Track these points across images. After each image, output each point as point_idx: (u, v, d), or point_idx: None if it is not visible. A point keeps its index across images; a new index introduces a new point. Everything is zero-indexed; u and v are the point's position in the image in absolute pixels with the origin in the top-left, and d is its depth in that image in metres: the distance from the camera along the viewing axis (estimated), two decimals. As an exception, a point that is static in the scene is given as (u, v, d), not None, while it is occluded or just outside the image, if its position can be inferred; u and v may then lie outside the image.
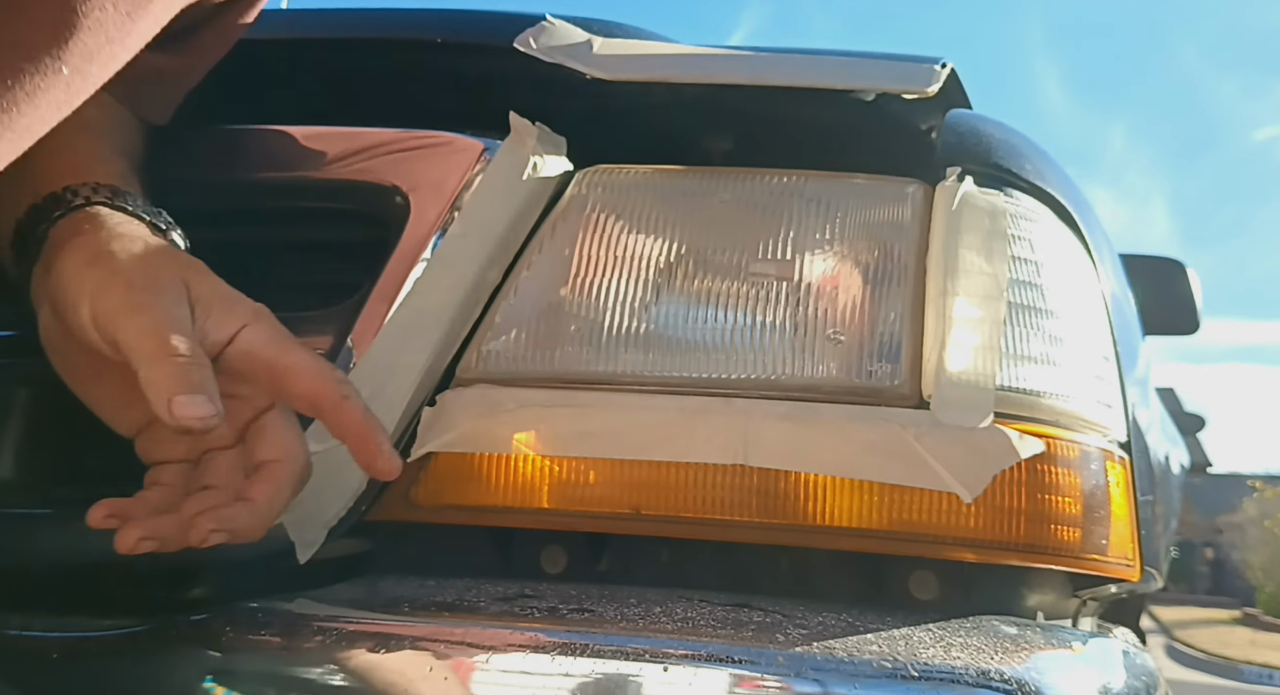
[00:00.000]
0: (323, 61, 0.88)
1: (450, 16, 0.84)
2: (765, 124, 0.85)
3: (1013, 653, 0.61)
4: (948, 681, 0.55)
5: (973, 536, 0.68)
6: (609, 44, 0.80)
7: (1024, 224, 0.75)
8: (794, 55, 0.80)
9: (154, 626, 0.64)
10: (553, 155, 0.77)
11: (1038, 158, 0.81)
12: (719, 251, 0.74)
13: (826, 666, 0.55)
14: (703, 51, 0.81)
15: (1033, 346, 0.72)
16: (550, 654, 0.57)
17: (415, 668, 0.58)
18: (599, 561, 0.77)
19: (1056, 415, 0.71)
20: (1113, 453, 0.75)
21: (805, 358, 0.70)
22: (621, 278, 0.74)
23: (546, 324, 0.73)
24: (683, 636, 0.59)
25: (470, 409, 0.71)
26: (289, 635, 0.61)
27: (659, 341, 0.72)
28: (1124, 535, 0.75)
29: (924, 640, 0.60)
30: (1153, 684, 0.68)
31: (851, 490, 0.68)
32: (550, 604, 0.65)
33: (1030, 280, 0.74)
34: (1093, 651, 0.67)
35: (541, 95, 0.81)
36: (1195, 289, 2.26)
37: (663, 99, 0.81)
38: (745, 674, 0.55)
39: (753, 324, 0.72)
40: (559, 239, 0.75)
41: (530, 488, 0.71)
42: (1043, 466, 0.69)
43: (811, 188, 0.76)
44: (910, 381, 0.69)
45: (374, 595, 0.69)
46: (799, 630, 0.61)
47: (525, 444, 0.71)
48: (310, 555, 0.70)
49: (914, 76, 0.76)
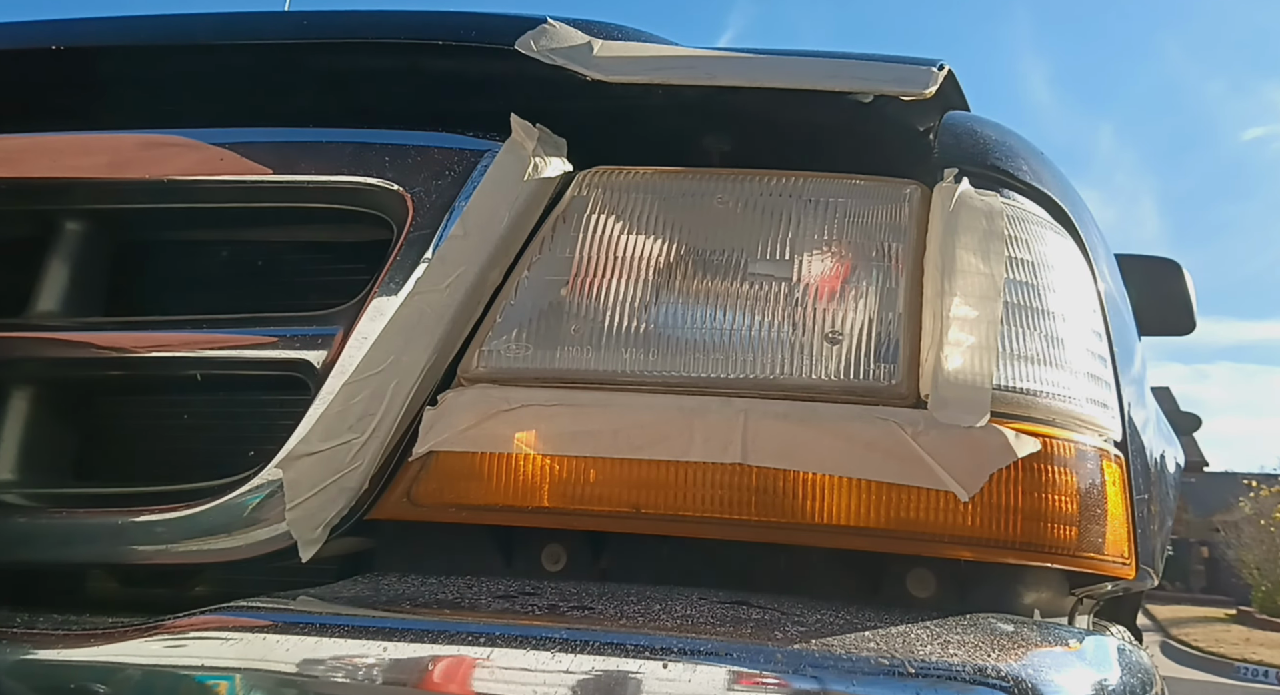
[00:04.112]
0: (324, 63, 0.88)
1: (451, 18, 0.84)
2: (764, 125, 0.85)
3: (1009, 650, 0.61)
4: (945, 678, 0.55)
5: (970, 535, 0.68)
6: (609, 46, 0.80)
7: (1021, 225, 0.76)
8: (793, 57, 0.81)
9: (156, 625, 0.64)
10: (553, 156, 0.78)
11: (1034, 159, 0.81)
12: (718, 252, 0.74)
13: (824, 663, 0.56)
14: (702, 53, 0.81)
15: (1029, 346, 0.72)
16: (551, 651, 0.57)
17: (417, 664, 0.58)
18: (599, 559, 0.77)
19: (1053, 414, 0.72)
20: (1109, 452, 0.75)
21: (803, 357, 0.71)
22: (621, 278, 0.74)
23: (547, 324, 0.74)
24: (682, 633, 0.59)
25: (471, 408, 0.72)
26: (291, 632, 0.61)
27: (658, 341, 0.72)
28: (1120, 534, 0.75)
29: (921, 637, 0.61)
30: (1148, 681, 0.69)
31: (849, 489, 0.68)
32: (550, 601, 0.66)
33: (1027, 281, 0.74)
34: (1089, 649, 0.68)
35: (542, 97, 0.81)
36: (1191, 289, 2.26)
37: (663, 101, 0.81)
38: (744, 670, 0.56)
39: (751, 324, 0.72)
40: (559, 239, 0.76)
41: (531, 486, 0.71)
42: (1039, 465, 0.69)
43: (810, 189, 0.76)
44: (907, 381, 0.70)
45: (376, 593, 0.69)
46: (797, 627, 0.61)
47: (526, 443, 0.71)
48: (313, 553, 0.71)
49: (911, 78, 0.77)
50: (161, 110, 0.87)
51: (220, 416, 0.87)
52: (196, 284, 0.91)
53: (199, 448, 0.87)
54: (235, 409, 0.86)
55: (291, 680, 0.59)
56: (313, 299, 0.76)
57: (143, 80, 0.89)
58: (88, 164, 0.81)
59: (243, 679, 0.60)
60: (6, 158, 0.82)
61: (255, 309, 0.79)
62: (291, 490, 0.71)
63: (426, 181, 0.76)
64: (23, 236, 0.86)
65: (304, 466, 0.71)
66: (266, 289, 0.88)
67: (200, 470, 0.78)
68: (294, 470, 0.71)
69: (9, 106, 0.87)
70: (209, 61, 0.87)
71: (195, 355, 0.77)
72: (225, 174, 0.80)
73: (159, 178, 0.80)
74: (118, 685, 0.63)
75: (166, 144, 0.80)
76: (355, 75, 0.89)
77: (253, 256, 0.89)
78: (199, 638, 0.62)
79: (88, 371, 0.81)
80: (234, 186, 0.80)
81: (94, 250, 0.84)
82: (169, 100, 0.90)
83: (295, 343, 0.74)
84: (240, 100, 0.85)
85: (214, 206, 0.82)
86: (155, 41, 0.86)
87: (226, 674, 0.60)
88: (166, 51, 0.87)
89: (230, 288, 0.90)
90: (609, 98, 0.80)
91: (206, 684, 0.61)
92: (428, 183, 0.76)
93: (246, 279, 0.89)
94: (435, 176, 0.76)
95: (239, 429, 0.85)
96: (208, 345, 0.76)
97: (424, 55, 0.84)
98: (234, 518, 0.72)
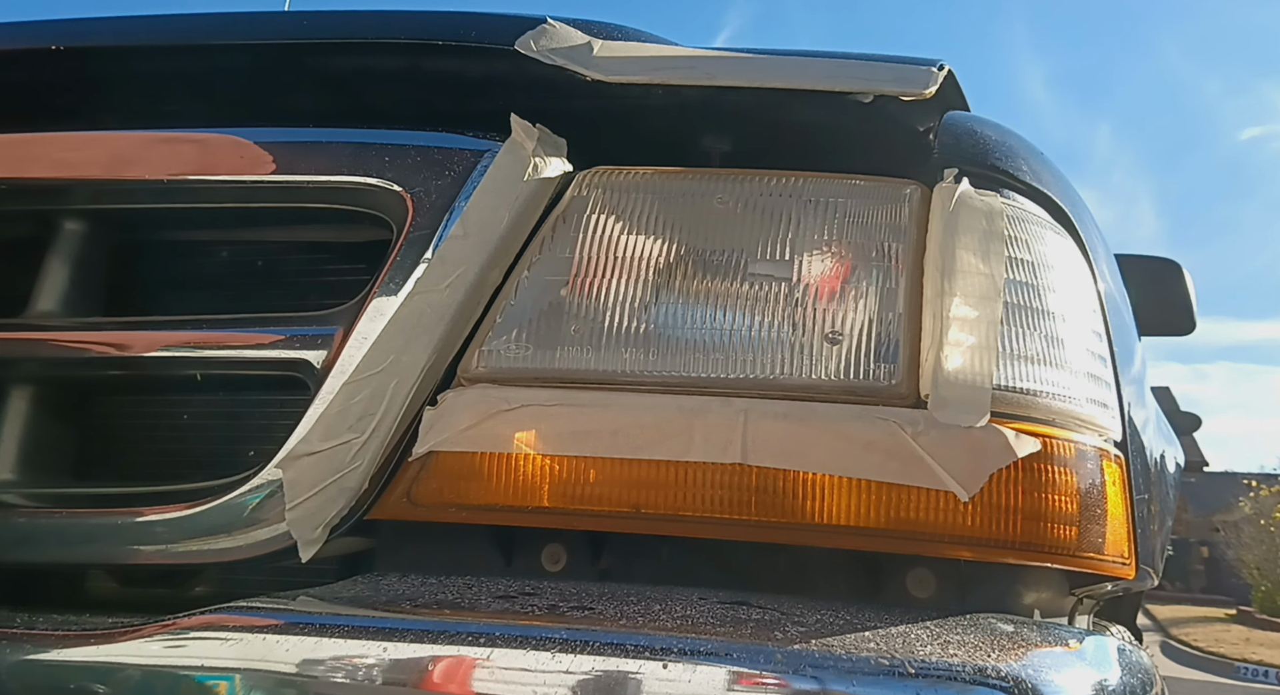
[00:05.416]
0: (324, 63, 0.88)
1: (451, 19, 0.84)
2: (764, 125, 0.85)
3: (1009, 650, 0.61)
4: (945, 679, 0.55)
5: (970, 535, 0.68)
6: (609, 46, 0.80)
7: (1021, 225, 0.76)
8: (793, 57, 0.81)
9: (156, 625, 0.64)
10: (553, 156, 0.78)
11: (1034, 159, 0.82)
12: (718, 252, 0.74)
13: (824, 663, 0.56)
14: (702, 53, 0.81)
15: (1029, 346, 0.72)
16: (551, 651, 0.57)
17: (417, 664, 0.58)
18: (599, 559, 0.77)
19: (1053, 414, 0.72)
20: (1109, 452, 0.75)
21: (803, 357, 0.71)
22: (621, 278, 0.74)
23: (547, 324, 0.74)
24: (682, 633, 0.59)
25: (471, 408, 0.72)
26: (291, 632, 0.61)
27: (658, 341, 0.72)
28: (1120, 534, 0.75)
29: (921, 638, 0.61)
30: (1149, 681, 0.69)
31: (849, 489, 0.68)
32: (551, 602, 0.66)
33: (1027, 280, 0.74)
34: (1089, 649, 0.68)
35: (542, 97, 0.81)
36: (1191, 289, 2.25)
37: (663, 101, 0.81)
38: (744, 671, 0.56)
39: (751, 324, 0.72)
40: (559, 239, 0.76)
41: (531, 486, 0.71)
42: (1039, 465, 0.69)
43: (810, 189, 0.76)
44: (907, 381, 0.70)
45: (376, 593, 0.69)
46: (797, 627, 0.61)
47: (526, 443, 0.71)
48: (313, 554, 0.71)
49: (911, 78, 0.77)
50: (161, 110, 0.87)
51: (220, 416, 0.87)
52: (196, 284, 0.91)
53: (199, 448, 0.87)
54: (235, 409, 0.86)
55: (291, 680, 0.59)
56: (313, 299, 0.76)
57: (143, 80, 0.89)
58: (88, 164, 0.81)
59: (243, 679, 0.60)
60: (6, 158, 0.82)
61: (255, 309, 0.79)
62: (291, 490, 0.71)
63: (426, 181, 0.76)
64: (23, 236, 0.86)
65: (304, 466, 0.71)
66: (266, 289, 0.88)
67: (200, 470, 0.78)
68: (294, 470, 0.71)
69: (9, 106, 0.87)
70: (209, 61, 0.87)
71: (195, 355, 0.77)
72: (225, 174, 0.80)
73: (159, 178, 0.80)
74: (118, 685, 0.63)
75: (166, 144, 0.80)
76: (355, 75, 0.89)
77: (253, 256, 0.89)
78: (199, 638, 0.62)
79: (88, 371, 0.81)
80: (234, 186, 0.80)
81: (94, 250, 0.84)
82: (169, 100, 0.90)
83: (295, 343, 0.74)
84: (240, 100, 0.85)
85: (214, 206, 0.82)
86: (155, 41, 0.86)
87: (226, 674, 0.60)
88: (166, 51, 0.87)
89: (230, 288, 0.90)
90: (609, 98, 0.80)
91: (206, 684, 0.61)
92: (428, 183, 0.76)
93: (246, 279, 0.90)
94: (435, 176, 0.76)
95: (239, 429, 0.85)
96: (208, 345, 0.76)
97: (424, 55, 0.84)
98: (234, 518, 0.72)
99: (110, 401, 0.90)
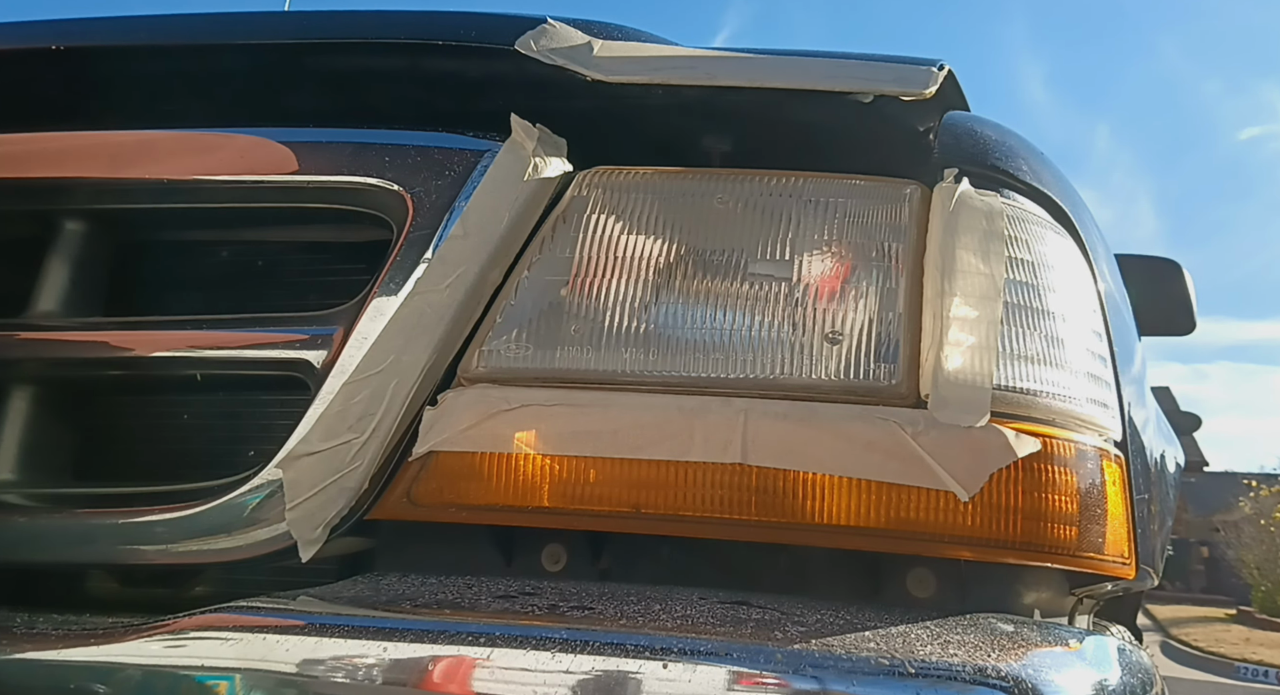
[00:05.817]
0: (324, 63, 0.88)
1: (451, 19, 0.84)
2: (764, 125, 0.85)
3: (1009, 650, 0.61)
4: (945, 678, 0.55)
5: (970, 535, 0.68)
6: (609, 46, 0.80)
7: (1021, 225, 0.76)
8: (793, 57, 0.81)
9: (156, 625, 0.64)
10: (553, 156, 0.78)
11: (1034, 159, 0.82)
12: (718, 252, 0.74)
13: (824, 663, 0.56)
14: (702, 53, 0.81)
15: (1029, 346, 0.72)
16: (551, 651, 0.57)
17: (417, 664, 0.58)
18: (599, 559, 0.77)
19: (1053, 414, 0.72)
20: (1109, 452, 0.75)
21: (803, 357, 0.71)
22: (621, 278, 0.74)
23: (547, 324, 0.74)
24: (682, 633, 0.59)
25: (471, 408, 0.72)
26: (291, 632, 0.61)
27: (658, 341, 0.72)
28: (1120, 534, 0.75)
29: (921, 637, 0.61)
30: (1149, 681, 0.69)
31: (849, 489, 0.68)
32: (551, 601, 0.66)
33: (1027, 281, 0.74)
34: (1089, 649, 0.68)
35: (542, 97, 0.81)
36: (1191, 289, 2.25)
37: (663, 101, 0.81)
38: (744, 671, 0.56)
39: (751, 324, 0.72)
40: (559, 239, 0.76)
41: (531, 486, 0.71)
42: (1039, 465, 0.69)
43: (810, 189, 0.76)
44: (907, 381, 0.70)
45: (376, 593, 0.69)
46: (797, 627, 0.61)
47: (526, 443, 0.71)
48: (313, 553, 0.71)
49: (911, 78, 0.77)
50: (162, 110, 0.87)
51: (220, 416, 0.87)
52: (196, 284, 0.91)
53: (199, 448, 0.87)
54: (235, 409, 0.86)
55: (291, 680, 0.59)
56: (313, 299, 0.76)
57: (143, 80, 0.89)
58: (88, 164, 0.81)
59: (243, 679, 0.60)
60: (6, 158, 0.82)
61: (255, 309, 0.79)
62: (291, 490, 0.71)
63: (426, 181, 0.76)
64: (23, 236, 0.86)
65: (304, 466, 0.71)
66: (266, 289, 0.88)
67: (200, 470, 0.78)
68: (294, 470, 0.71)
69: (9, 106, 0.87)
70: (209, 61, 0.87)
71: (195, 355, 0.77)
72: (225, 174, 0.80)
73: (159, 178, 0.80)
74: (118, 685, 0.63)
75: (166, 144, 0.80)
76: (355, 75, 0.89)
77: (253, 256, 0.89)
78: (199, 638, 0.62)
79: (87, 371, 0.81)
80: (234, 186, 0.80)
81: (94, 250, 0.84)
82: (169, 100, 0.90)
83: (295, 343, 0.74)
84: (240, 100, 0.85)
85: (214, 206, 0.82)
86: (155, 41, 0.86)
87: (226, 674, 0.60)
88: (166, 51, 0.87)
89: (230, 288, 0.90)
90: (609, 98, 0.80)
91: (206, 684, 0.61)
92: (428, 183, 0.76)
93: (246, 279, 0.89)
94: (435, 176, 0.76)
95: (239, 429, 0.85)
96: (208, 345, 0.77)
97: (424, 55, 0.84)
98: (234, 518, 0.72)
99: (110, 401, 0.90)
